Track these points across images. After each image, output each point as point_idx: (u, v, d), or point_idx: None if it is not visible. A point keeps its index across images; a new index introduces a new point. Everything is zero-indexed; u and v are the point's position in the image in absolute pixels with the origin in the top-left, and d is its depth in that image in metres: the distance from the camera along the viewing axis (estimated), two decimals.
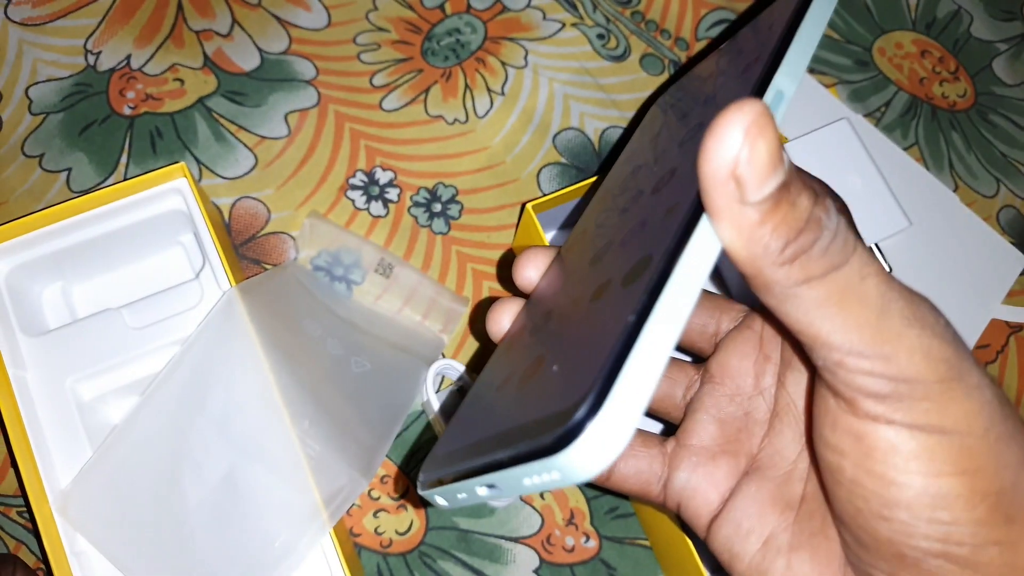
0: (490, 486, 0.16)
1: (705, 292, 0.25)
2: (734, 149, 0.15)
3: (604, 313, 0.17)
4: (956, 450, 0.17)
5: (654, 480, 0.24)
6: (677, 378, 0.25)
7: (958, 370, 0.17)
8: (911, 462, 0.17)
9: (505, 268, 0.43)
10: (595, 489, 0.40)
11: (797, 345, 0.22)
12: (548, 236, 0.41)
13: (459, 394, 0.39)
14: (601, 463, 0.14)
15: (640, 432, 0.25)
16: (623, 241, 0.20)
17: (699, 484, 0.23)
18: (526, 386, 0.18)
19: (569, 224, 0.42)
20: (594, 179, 0.37)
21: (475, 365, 0.41)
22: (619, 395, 0.14)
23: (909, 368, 0.17)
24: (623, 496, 0.23)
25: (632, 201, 0.22)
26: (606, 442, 0.14)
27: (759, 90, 0.18)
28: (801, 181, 0.16)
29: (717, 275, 0.42)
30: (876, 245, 0.43)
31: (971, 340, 0.44)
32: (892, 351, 0.17)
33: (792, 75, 0.19)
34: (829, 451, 0.19)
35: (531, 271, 0.24)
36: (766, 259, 0.16)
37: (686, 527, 0.36)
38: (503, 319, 0.24)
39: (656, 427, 0.37)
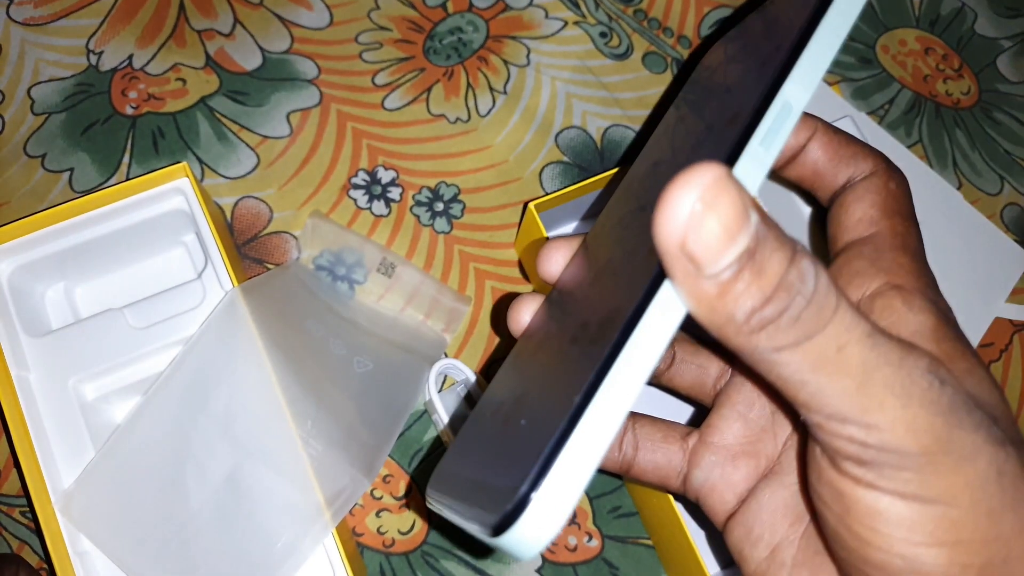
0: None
1: None
2: (681, 225, 0.14)
3: (568, 370, 0.17)
4: (939, 521, 0.16)
5: (673, 475, 0.24)
6: (708, 366, 0.25)
7: (946, 441, 0.16)
8: (891, 528, 0.16)
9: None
10: (612, 477, 0.40)
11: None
12: (551, 235, 0.41)
13: (468, 403, 0.39)
14: (534, 550, 0.15)
15: (663, 426, 0.25)
16: (612, 270, 0.19)
17: (716, 484, 0.23)
18: (507, 427, 0.19)
19: (592, 214, 0.41)
20: (593, 180, 0.37)
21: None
22: (549, 491, 0.15)
23: (891, 439, 0.16)
24: (642, 483, 0.23)
25: (632, 216, 0.21)
26: (537, 533, 0.15)
27: (766, 99, 0.17)
28: (773, 242, 0.15)
29: None
30: None
31: (975, 339, 0.43)
32: (873, 421, 0.16)
33: (806, 83, 0.17)
34: (815, 497, 0.19)
35: (553, 265, 0.24)
36: (730, 328, 0.15)
37: (698, 520, 0.36)
38: (523, 316, 0.24)
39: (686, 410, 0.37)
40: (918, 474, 0.16)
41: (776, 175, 0.23)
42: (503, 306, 0.42)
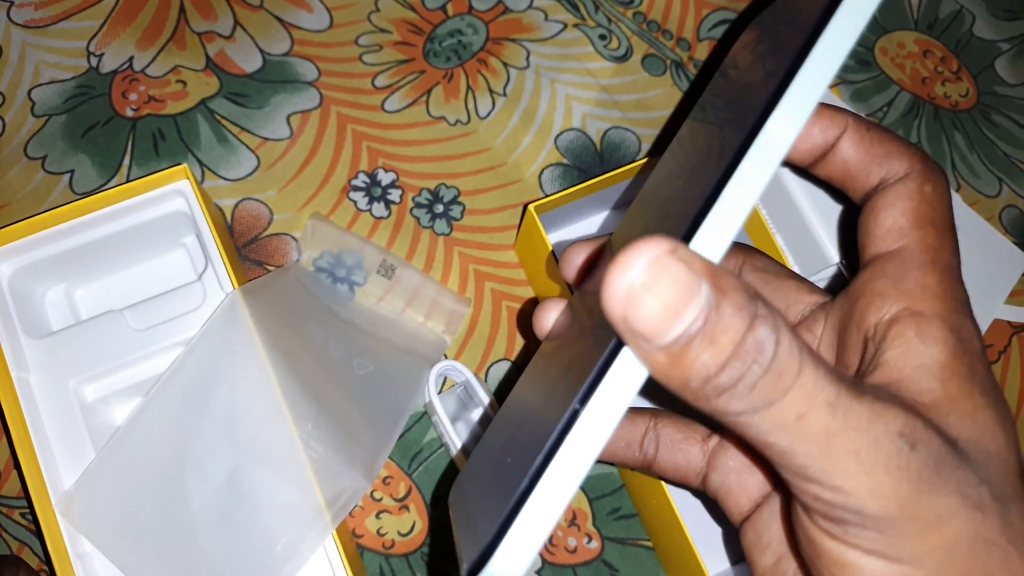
0: None
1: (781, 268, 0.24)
2: (621, 303, 0.14)
3: (550, 408, 0.17)
4: None
5: (692, 475, 0.24)
6: None
7: (912, 507, 0.16)
8: None
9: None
10: (614, 470, 0.40)
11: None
12: (550, 237, 0.41)
13: (463, 405, 0.39)
14: None
15: (684, 426, 0.25)
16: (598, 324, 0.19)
17: (732, 488, 0.23)
18: (503, 456, 0.19)
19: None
20: (593, 181, 0.37)
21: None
22: (508, 551, 0.16)
23: (855, 503, 0.16)
24: (653, 473, 0.24)
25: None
26: None
27: (754, 130, 0.16)
28: (728, 308, 0.14)
29: None
30: None
31: None
32: (837, 484, 0.16)
33: (794, 117, 0.16)
34: (792, 532, 0.19)
35: (571, 269, 0.24)
36: (687, 393, 0.15)
37: (698, 522, 0.36)
38: (547, 320, 0.24)
39: None
40: (883, 535, 0.16)
41: (806, 172, 0.22)
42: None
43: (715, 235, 0.16)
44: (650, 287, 0.14)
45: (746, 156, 0.16)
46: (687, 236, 0.16)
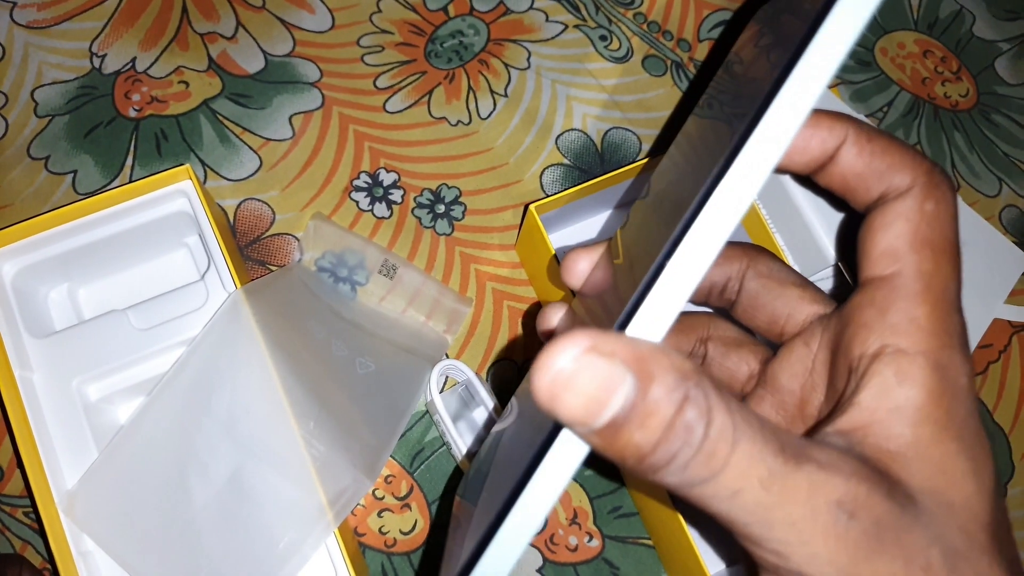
0: None
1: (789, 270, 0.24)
2: (546, 397, 0.15)
3: (522, 453, 0.18)
4: None
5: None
6: (736, 371, 0.25)
7: (853, 575, 0.16)
8: None
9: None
10: (608, 478, 0.40)
11: None
12: (551, 237, 0.41)
13: (464, 405, 0.39)
14: None
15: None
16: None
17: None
18: (486, 482, 0.20)
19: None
20: (594, 182, 0.37)
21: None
22: None
23: (796, 568, 0.16)
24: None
25: (629, 267, 0.20)
26: None
27: (729, 161, 0.16)
28: (657, 391, 0.15)
29: None
30: None
31: (974, 340, 0.44)
32: (778, 549, 0.16)
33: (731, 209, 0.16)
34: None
35: (573, 277, 0.24)
36: (625, 467, 0.16)
37: (698, 520, 0.36)
38: (550, 323, 0.24)
39: None
40: None
41: (808, 180, 0.22)
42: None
43: (654, 318, 0.16)
44: (570, 384, 0.15)
45: (691, 229, 0.16)
46: (637, 305, 0.16)
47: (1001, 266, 0.45)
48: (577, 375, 0.14)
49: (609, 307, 0.19)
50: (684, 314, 0.26)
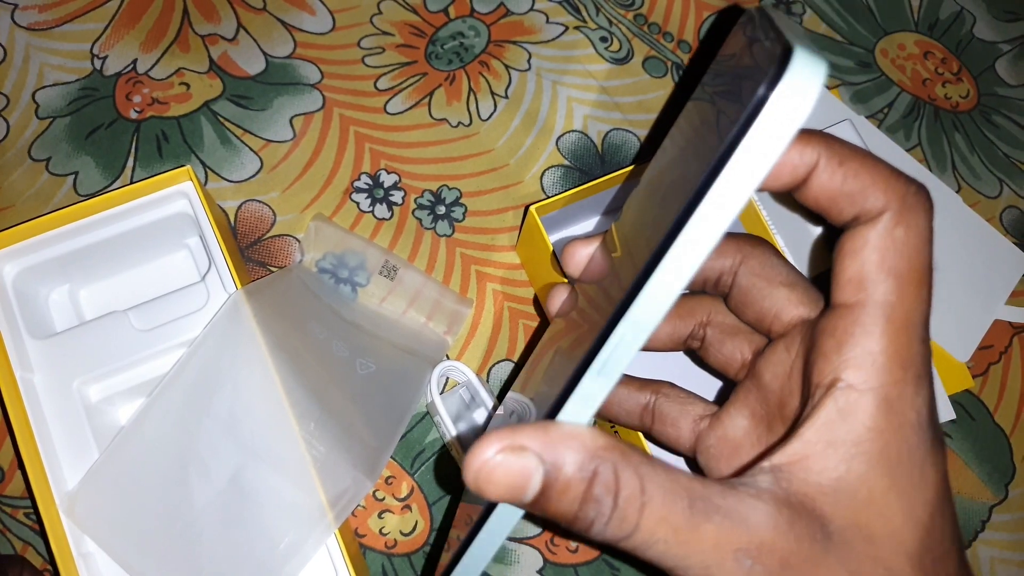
0: None
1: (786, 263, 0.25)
2: (475, 488, 0.18)
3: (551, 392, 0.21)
4: None
5: (684, 448, 0.27)
6: (731, 358, 0.26)
7: None
8: None
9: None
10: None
11: None
12: (552, 238, 0.41)
13: (467, 406, 0.39)
14: None
15: (680, 401, 0.27)
16: (552, 377, 0.22)
17: (712, 471, 0.25)
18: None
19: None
20: (594, 183, 0.37)
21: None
22: None
23: None
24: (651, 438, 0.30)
25: (612, 281, 0.21)
26: None
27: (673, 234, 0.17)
28: (570, 471, 0.18)
29: None
30: None
31: (974, 341, 0.44)
32: None
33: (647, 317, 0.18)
34: None
35: (572, 268, 0.26)
36: (560, 524, 0.18)
37: None
38: (557, 302, 0.27)
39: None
40: None
41: (788, 197, 0.22)
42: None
43: (583, 404, 0.19)
44: (491, 477, 0.18)
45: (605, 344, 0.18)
46: (572, 384, 0.19)
47: (1002, 267, 0.45)
48: (495, 470, 0.18)
49: (609, 293, 0.20)
50: (686, 297, 0.27)
